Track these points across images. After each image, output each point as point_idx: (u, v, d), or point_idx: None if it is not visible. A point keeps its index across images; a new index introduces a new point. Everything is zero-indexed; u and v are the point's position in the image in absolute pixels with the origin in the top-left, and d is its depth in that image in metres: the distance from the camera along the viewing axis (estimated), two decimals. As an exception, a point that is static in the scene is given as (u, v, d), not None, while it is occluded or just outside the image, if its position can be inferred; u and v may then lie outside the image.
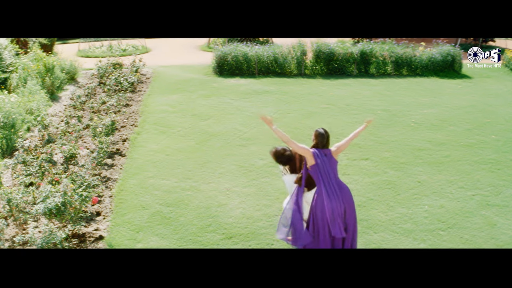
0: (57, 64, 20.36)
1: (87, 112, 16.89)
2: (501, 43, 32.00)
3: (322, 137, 8.40)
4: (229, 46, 24.39)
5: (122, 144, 14.34)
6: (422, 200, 11.23)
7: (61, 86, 20.11)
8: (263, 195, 11.39)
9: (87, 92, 18.93)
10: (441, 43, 25.37)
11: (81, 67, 22.83)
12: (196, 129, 15.75)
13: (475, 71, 24.74)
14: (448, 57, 24.44)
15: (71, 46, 30.23)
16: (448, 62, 24.53)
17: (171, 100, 18.95)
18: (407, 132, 15.58)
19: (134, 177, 12.26)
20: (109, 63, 22.63)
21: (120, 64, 22.91)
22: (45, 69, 19.03)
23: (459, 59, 24.57)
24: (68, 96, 19.07)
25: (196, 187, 11.76)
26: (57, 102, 18.45)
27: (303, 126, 16.08)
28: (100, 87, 20.13)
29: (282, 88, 21.11)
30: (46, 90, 18.36)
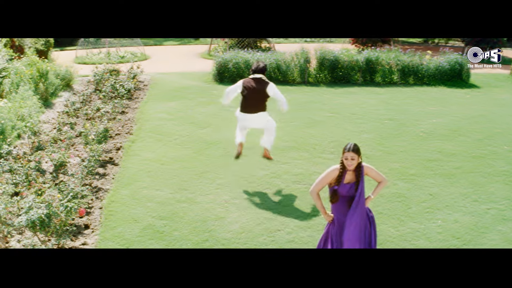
0: (52, 70, 19.82)
1: (81, 119, 16.28)
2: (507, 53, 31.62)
3: None
4: (230, 53, 23.79)
5: (115, 152, 13.70)
6: (435, 214, 10.52)
7: (55, 92, 19.52)
8: (264, 208, 10.68)
9: (82, 98, 18.38)
10: (448, 51, 24.84)
11: (77, 73, 22.23)
12: (194, 137, 15.09)
13: (483, 80, 24.29)
14: (456, 66, 23.88)
15: (69, 53, 29.73)
16: (456, 71, 23.97)
17: (169, 108, 18.35)
18: (416, 142, 14.91)
19: (126, 187, 11.56)
20: (106, 69, 22.06)
21: (117, 71, 22.33)
22: (38, 75, 18.40)
23: (467, 68, 23.97)
24: (62, 102, 18.43)
25: (192, 199, 11.05)
26: (50, 109, 17.80)
27: (307, 135, 15.46)
28: (96, 94, 19.57)
29: (285, 96, 20.09)
30: (39, 96, 17.71)
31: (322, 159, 13.44)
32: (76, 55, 28.98)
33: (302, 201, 11.01)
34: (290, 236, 9.53)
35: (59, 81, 20.12)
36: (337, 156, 13.35)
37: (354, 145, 7.29)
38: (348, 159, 7.25)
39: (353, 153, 7.22)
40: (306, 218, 10.23)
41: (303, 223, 10.04)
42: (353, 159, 7.23)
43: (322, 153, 13.91)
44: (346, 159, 7.27)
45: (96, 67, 22.07)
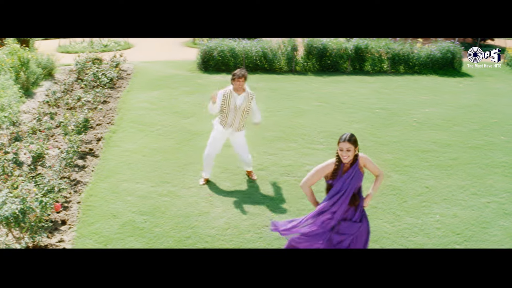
0: (33, 58, 19.24)
1: (62, 109, 15.66)
2: (500, 42, 31.47)
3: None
4: (215, 41, 23.17)
5: (96, 143, 13.12)
6: (432, 208, 9.99)
7: (37, 81, 18.86)
8: (251, 202, 10.11)
9: (64, 88, 17.82)
10: (440, 39, 24.45)
11: (58, 62, 21.60)
12: (177, 127, 14.52)
13: (476, 70, 23.90)
14: (448, 54, 23.60)
15: (52, 42, 29.14)
16: (448, 59, 23.67)
17: (152, 97, 17.78)
18: (409, 132, 14.41)
19: (106, 180, 10.97)
20: (88, 58, 21.45)
21: (99, 59, 21.73)
22: (19, 63, 17.81)
23: (459, 56, 23.69)
24: (44, 92, 17.83)
25: (175, 193, 10.47)
26: (31, 99, 17.15)
27: (295, 125, 14.93)
28: (77, 83, 18.98)
29: (271, 85, 20.05)
30: (20, 85, 17.10)
31: (312, 150, 12.91)
32: (59, 44, 28.51)
33: (291, 195, 10.44)
34: (278, 233, 8.93)
35: (40, 70, 19.50)
36: (327, 146, 12.95)
37: (351, 136, 6.71)
38: (344, 150, 6.66)
39: (349, 144, 6.64)
40: (295, 213, 9.61)
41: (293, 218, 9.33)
42: (348, 151, 6.65)
43: (311, 144, 13.38)
44: (341, 151, 6.69)
45: (78, 56, 21.55)
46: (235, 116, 10.39)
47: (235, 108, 10.31)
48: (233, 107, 10.31)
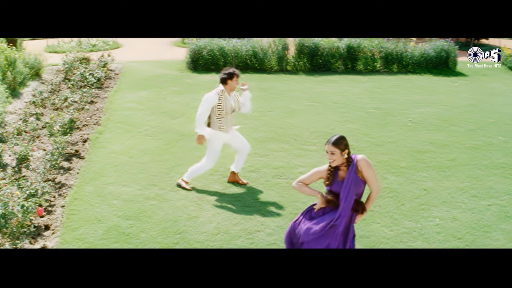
0: (20, 58, 18.83)
1: (48, 110, 15.32)
2: (494, 41, 31.30)
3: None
4: (204, 40, 22.79)
5: (82, 144, 12.75)
6: (431, 211, 9.63)
7: (24, 81, 18.45)
8: (242, 206, 9.73)
9: (51, 88, 17.53)
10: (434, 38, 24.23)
11: (46, 61, 21.19)
12: (166, 128, 14.14)
13: (471, 69, 23.61)
14: (442, 53, 23.36)
15: (40, 42, 28.61)
16: (442, 58, 23.43)
17: (140, 97, 17.41)
18: (404, 133, 14.08)
19: (91, 183, 10.57)
20: (76, 57, 21.11)
21: (87, 59, 21.38)
22: (6, 63, 17.41)
23: (454, 55, 23.44)
24: (31, 92, 17.45)
25: (162, 196, 10.08)
26: (18, 99, 16.75)
27: (287, 125, 14.58)
28: (65, 83, 18.63)
29: (261, 84, 19.71)
30: (7, 85, 16.70)
31: (304, 151, 12.56)
32: (47, 44, 28.11)
33: (283, 198, 10.06)
34: (271, 238, 8.57)
35: (27, 70, 19.13)
36: (320, 147, 12.65)
37: (337, 139, 6.35)
38: (328, 153, 6.33)
39: (333, 147, 6.28)
40: (289, 217, 9.20)
41: (285, 222, 9.00)
42: (333, 154, 6.29)
43: (303, 145, 13.03)
44: (327, 153, 6.36)
45: (66, 55, 21.20)
46: (231, 117, 10.21)
47: (231, 109, 10.08)
48: (230, 108, 10.07)
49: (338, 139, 6.30)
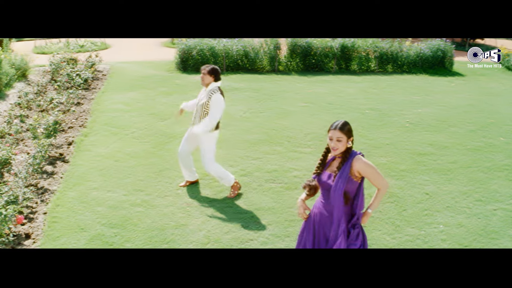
0: (6, 59, 18.52)
1: (34, 112, 14.85)
2: (490, 41, 31.11)
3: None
4: (194, 40, 22.39)
5: (67, 148, 12.28)
6: (435, 217, 9.13)
7: (10, 83, 18.04)
8: (233, 213, 9.21)
9: (37, 89, 17.04)
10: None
11: (32, 62, 20.77)
12: (154, 130, 13.65)
13: (468, 69, 23.40)
14: (438, 53, 23.12)
15: (28, 43, 28.51)
16: (438, 58, 23.20)
17: (127, 98, 16.94)
18: (402, 134, 13.61)
19: (75, 188, 10.05)
20: (63, 58, 20.66)
21: (75, 60, 20.96)
22: (-9, 64, 16.98)
23: (451, 55, 23.13)
24: (16, 94, 16.96)
25: (149, 202, 9.56)
26: (3, 101, 16.30)
27: (280, 127, 14.10)
28: (51, 84, 18.21)
29: (253, 85, 19.31)
30: (-8, 87, 16.25)
31: (299, 154, 12.06)
32: (35, 45, 27.97)
33: (278, 203, 9.54)
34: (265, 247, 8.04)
35: (14, 71, 18.75)
36: (315, 149, 12.18)
37: (344, 124, 5.71)
38: (333, 140, 5.65)
39: (341, 133, 5.62)
40: (283, 225, 8.73)
41: (280, 230, 8.55)
42: (339, 141, 5.63)
43: (298, 147, 12.53)
44: (331, 140, 5.67)
45: (53, 56, 20.80)
46: (196, 112, 9.70)
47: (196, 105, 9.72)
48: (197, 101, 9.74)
49: (345, 124, 5.70)
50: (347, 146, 5.67)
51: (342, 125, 5.66)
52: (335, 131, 5.63)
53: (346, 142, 5.63)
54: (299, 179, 10.55)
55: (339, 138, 5.60)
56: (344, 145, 5.64)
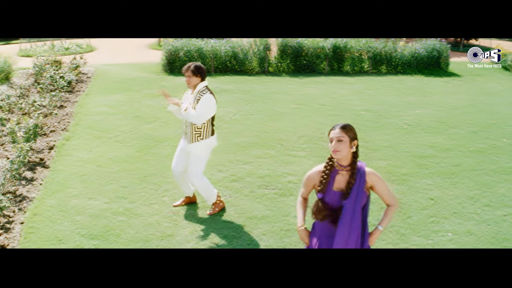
0: (-12, 61, 18.00)
1: (16, 115, 14.29)
2: (485, 42, 30.92)
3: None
4: (181, 40, 21.88)
5: (48, 152, 11.74)
6: (442, 224, 8.52)
7: (-8, 85, 17.63)
8: (224, 222, 8.59)
9: (20, 92, 16.58)
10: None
11: (15, 64, 20.44)
12: (139, 133, 13.07)
13: (464, 69, 23.07)
14: (433, 53, 22.75)
15: (13, 47, 28.34)
16: (434, 58, 22.85)
17: (112, 100, 16.41)
18: (401, 136, 13.05)
19: (54, 196, 9.43)
20: (47, 60, 20.21)
21: (59, 62, 20.52)
22: (-27, 67, 16.55)
23: (446, 55, 22.76)
24: None
25: (133, 210, 8.92)
26: (-15, 104, 15.64)
27: (271, 129, 13.53)
28: (34, 87, 17.73)
29: (242, 86, 18.80)
30: (-26, 90, 15.79)
31: (293, 158, 11.46)
32: (20, 48, 27.80)
33: (272, 211, 8.91)
34: (259, 259, 7.38)
35: (-4, 73, 18.34)
36: (309, 153, 11.63)
37: (346, 124, 5.04)
38: (333, 141, 4.95)
39: (342, 132, 4.94)
40: (279, 235, 8.12)
41: (276, 241, 7.94)
42: (340, 141, 4.93)
43: (291, 150, 11.93)
44: (331, 142, 4.97)
45: (37, 58, 20.34)
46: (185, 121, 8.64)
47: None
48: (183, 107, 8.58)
49: (347, 125, 5.01)
50: (350, 150, 5.00)
51: (344, 125, 4.99)
52: (337, 130, 4.97)
53: (349, 144, 4.96)
54: (294, 185, 9.96)
55: (340, 137, 4.92)
56: (347, 147, 4.95)
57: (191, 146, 8.47)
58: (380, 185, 5.12)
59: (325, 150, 11.41)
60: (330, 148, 5.00)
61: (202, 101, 8.23)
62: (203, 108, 8.21)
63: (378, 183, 5.11)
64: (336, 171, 5.12)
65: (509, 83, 20.77)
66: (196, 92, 8.31)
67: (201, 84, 8.36)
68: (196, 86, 8.34)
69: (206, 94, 8.28)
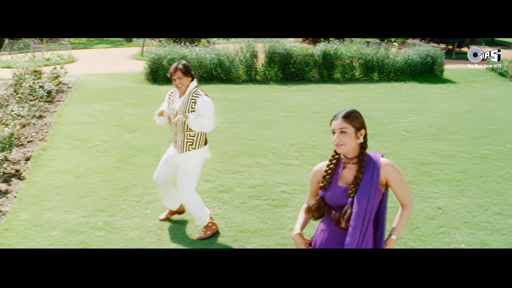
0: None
1: (-7, 126, 13.68)
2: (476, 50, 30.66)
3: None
4: (165, 48, 21.34)
5: (24, 163, 11.19)
6: (453, 235, 7.90)
7: (-30, 97, 17.01)
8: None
9: None
10: (417, 42, 23.12)
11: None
12: (120, 142, 12.48)
13: (458, 76, 22.90)
14: (427, 59, 22.23)
15: None
16: (428, 64, 22.34)
17: (92, 110, 15.84)
18: (400, 143, 12.51)
19: (28, 209, 8.82)
20: (27, 70, 19.73)
21: (39, 72, 20.05)
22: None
23: (441, 61, 22.31)
24: (-24, 108, 15.82)
25: (112, 224, 8.27)
26: (-37, 116, 15.08)
27: (261, 137, 12.95)
28: (13, 97, 17.24)
29: (229, 95, 18.27)
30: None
31: (286, 166, 10.84)
32: (1, 60, 27.57)
33: (266, 224, 8.26)
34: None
35: (-26, 85, 17.86)
36: (303, 161, 11.05)
37: (350, 111, 4.35)
38: (336, 132, 4.26)
39: (344, 122, 4.25)
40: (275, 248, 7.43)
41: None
42: (343, 132, 4.24)
43: (284, 159, 11.31)
44: (333, 134, 4.28)
45: (17, 68, 19.85)
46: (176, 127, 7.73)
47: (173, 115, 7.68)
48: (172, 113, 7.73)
49: (351, 112, 4.32)
50: (357, 141, 4.30)
51: (347, 113, 4.30)
52: (339, 120, 4.28)
53: (354, 135, 4.26)
54: (288, 195, 9.32)
55: (343, 129, 4.22)
56: (352, 139, 4.25)
57: (181, 156, 7.62)
58: (396, 179, 4.35)
59: (320, 158, 10.86)
60: (332, 142, 4.30)
61: (203, 104, 7.38)
62: (209, 111, 7.39)
63: (394, 177, 4.34)
64: (342, 164, 4.43)
65: (506, 89, 20.48)
66: (188, 94, 7.47)
67: (192, 85, 7.53)
68: (187, 88, 7.53)
69: (202, 95, 7.45)
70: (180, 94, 7.59)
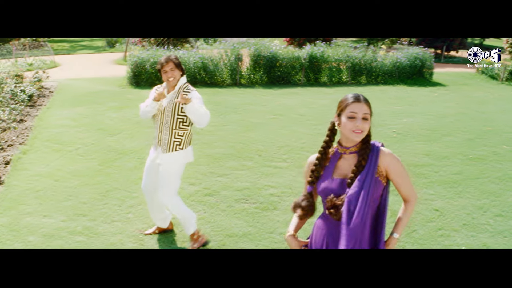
0: None
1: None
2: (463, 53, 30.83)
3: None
4: (148, 52, 21.06)
5: (4, 168, 10.90)
6: (453, 238, 7.58)
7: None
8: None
9: None
10: (405, 44, 22.94)
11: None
12: (101, 146, 12.16)
13: (448, 79, 23.07)
14: (416, 62, 22.14)
15: None
16: (417, 67, 22.28)
17: (74, 113, 15.60)
18: (392, 145, 12.22)
19: (5, 213, 8.48)
20: (9, 74, 19.58)
21: (21, 76, 19.95)
22: None
23: (430, 63, 22.10)
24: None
25: (92, 229, 7.89)
26: None
27: (247, 140, 12.66)
28: None
29: (213, 98, 18.01)
30: None
31: (273, 169, 10.50)
32: None
33: (254, 228, 7.88)
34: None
35: (-46, 90, 17.72)
36: (292, 164, 10.75)
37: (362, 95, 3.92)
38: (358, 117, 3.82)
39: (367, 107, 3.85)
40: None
41: (260, 263, 6.84)
42: (365, 119, 3.81)
43: (271, 161, 10.98)
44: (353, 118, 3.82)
45: None
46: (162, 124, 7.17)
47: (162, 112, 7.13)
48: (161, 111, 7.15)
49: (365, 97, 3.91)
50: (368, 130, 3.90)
51: (365, 97, 3.90)
52: (361, 103, 3.84)
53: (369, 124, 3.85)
54: (277, 198, 8.96)
55: (366, 115, 3.80)
56: (368, 127, 3.85)
57: (165, 156, 7.09)
58: (397, 170, 3.91)
59: (310, 159, 10.53)
60: (348, 127, 3.84)
61: (196, 98, 6.81)
62: (203, 106, 6.85)
63: (395, 168, 3.90)
64: (338, 154, 4.02)
65: (498, 92, 20.46)
66: (178, 89, 6.92)
67: (182, 80, 7.01)
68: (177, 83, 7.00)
69: (194, 91, 6.94)
70: (169, 89, 7.03)
